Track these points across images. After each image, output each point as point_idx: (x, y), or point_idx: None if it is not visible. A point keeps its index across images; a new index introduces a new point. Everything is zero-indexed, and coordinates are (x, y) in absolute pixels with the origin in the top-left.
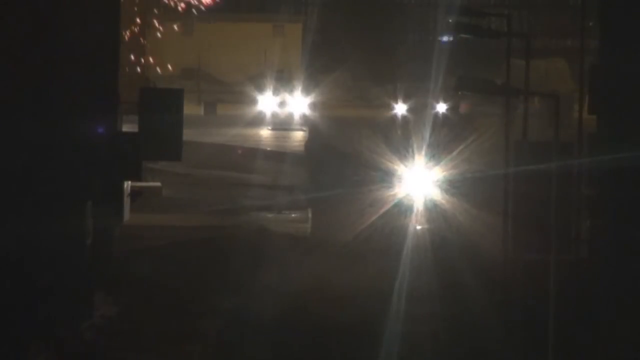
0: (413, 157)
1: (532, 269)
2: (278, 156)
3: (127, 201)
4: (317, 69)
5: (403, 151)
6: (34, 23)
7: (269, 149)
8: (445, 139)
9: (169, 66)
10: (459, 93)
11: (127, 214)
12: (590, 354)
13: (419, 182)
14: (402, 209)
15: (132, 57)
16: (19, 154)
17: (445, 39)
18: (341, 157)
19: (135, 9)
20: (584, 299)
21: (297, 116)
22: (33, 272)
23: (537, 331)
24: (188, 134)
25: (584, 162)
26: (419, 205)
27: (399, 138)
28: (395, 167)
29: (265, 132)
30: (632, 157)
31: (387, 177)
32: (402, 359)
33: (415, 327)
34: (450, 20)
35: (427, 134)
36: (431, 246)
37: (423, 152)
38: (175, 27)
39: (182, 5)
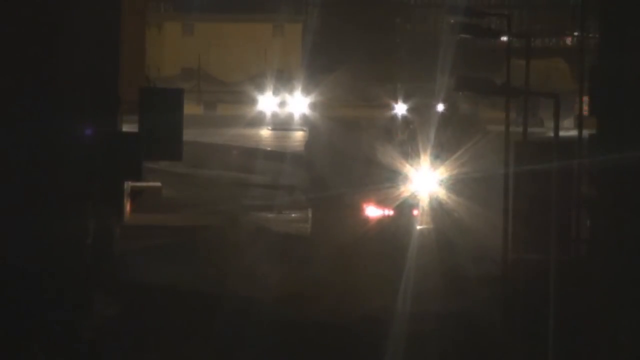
0: (414, 157)
1: (532, 268)
2: (278, 156)
3: (127, 201)
4: (317, 69)
5: (404, 151)
6: (33, 23)
7: (269, 149)
8: (446, 139)
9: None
10: (459, 93)
11: (127, 214)
12: (591, 353)
13: (422, 182)
14: (405, 209)
15: (132, 56)
16: (19, 154)
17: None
18: (342, 157)
19: (136, 8)
20: (583, 299)
21: (297, 116)
22: (33, 272)
23: (537, 330)
24: (188, 134)
25: (584, 162)
26: (423, 204)
27: (399, 138)
28: (397, 167)
29: (265, 132)
30: (632, 157)
31: (388, 177)
32: (406, 357)
33: (417, 325)
34: (451, 20)
35: (428, 134)
36: (435, 245)
37: (425, 152)
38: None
39: None
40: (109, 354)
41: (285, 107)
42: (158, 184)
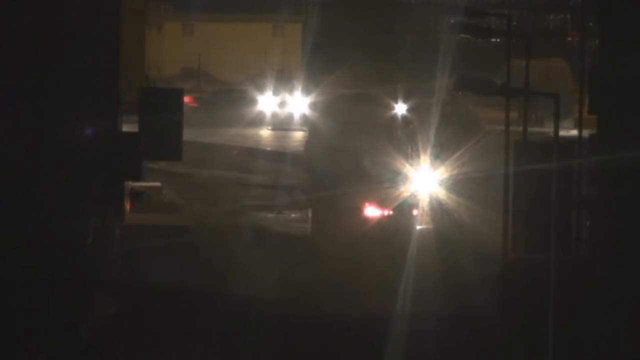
0: (414, 157)
1: (532, 268)
2: (278, 156)
3: (127, 201)
4: (317, 69)
5: (404, 151)
6: (34, 22)
7: (269, 149)
8: (446, 139)
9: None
10: (459, 93)
11: (127, 214)
12: (591, 353)
13: (422, 182)
14: (405, 209)
15: (132, 56)
16: (19, 154)
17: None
18: (342, 157)
19: (136, 8)
20: (584, 299)
21: (297, 116)
22: (33, 272)
23: (537, 331)
24: (188, 134)
25: (584, 162)
26: (423, 204)
27: (398, 138)
28: (397, 167)
29: (265, 132)
30: (632, 157)
31: (388, 177)
32: (406, 357)
33: (417, 325)
34: (451, 20)
35: (429, 134)
36: (435, 245)
37: (425, 152)
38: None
39: None
40: (109, 354)
41: (285, 107)
42: (158, 184)
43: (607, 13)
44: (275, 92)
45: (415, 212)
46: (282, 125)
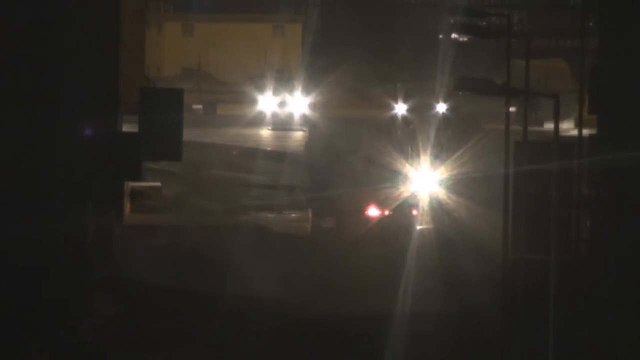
0: (414, 157)
1: (532, 268)
2: (278, 156)
3: (127, 201)
4: (317, 69)
5: (404, 151)
6: (33, 22)
7: (269, 149)
8: (446, 139)
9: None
10: (459, 93)
11: (127, 214)
12: (591, 353)
13: (422, 182)
14: (405, 209)
15: (132, 57)
16: (19, 154)
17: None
18: (342, 157)
19: (136, 8)
20: (584, 299)
21: (297, 116)
22: (33, 272)
23: (537, 330)
24: (188, 134)
25: (584, 162)
26: (423, 204)
27: (398, 138)
28: (397, 167)
29: (265, 132)
30: (632, 157)
31: (388, 177)
32: (406, 357)
33: (417, 325)
34: (451, 21)
35: (429, 134)
36: (435, 245)
37: (425, 152)
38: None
39: None
40: (109, 354)
41: (285, 107)
42: (158, 184)
43: (607, 13)
44: (275, 92)
45: (415, 212)
46: (282, 125)
